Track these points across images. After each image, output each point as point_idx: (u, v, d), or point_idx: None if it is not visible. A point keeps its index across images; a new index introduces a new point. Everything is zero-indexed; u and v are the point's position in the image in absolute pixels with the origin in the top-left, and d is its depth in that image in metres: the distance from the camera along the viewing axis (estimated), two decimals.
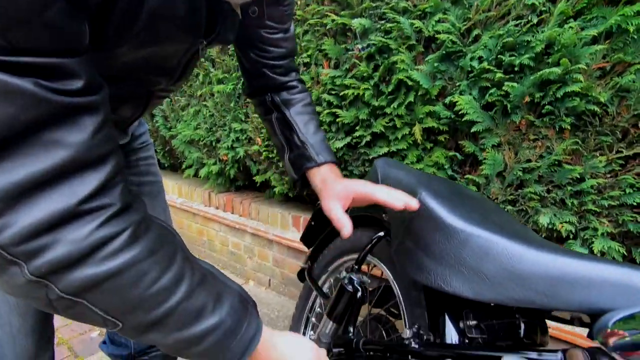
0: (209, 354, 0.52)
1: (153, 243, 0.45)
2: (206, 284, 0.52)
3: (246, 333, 0.54)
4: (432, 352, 0.70)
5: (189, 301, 0.48)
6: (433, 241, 0.71)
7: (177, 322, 0.48)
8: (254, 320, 0.56)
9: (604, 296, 0.53)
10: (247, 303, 0.57)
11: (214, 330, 0.50)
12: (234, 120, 2.12)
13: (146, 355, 1.10)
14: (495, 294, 0.61)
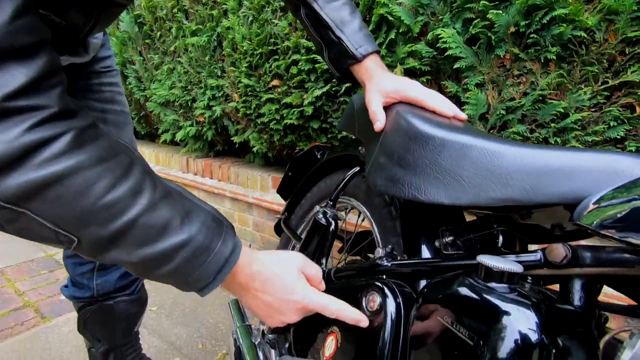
0: (180, 273, 0.48)
1: (102, 151, 0.42)
2: (171, 200, 0.48)
3: (221, 251, 0.50)
4: (405, 269, 0.65)
5: (151, 215, 0.44)
6: (407, 151, 0.65)
7: (139, 237, 0.44)
8: (230, 239, 0.52)
9: (587, 183, 0.48)
10: (221, 222, 0.53)
11: (182, 247, 0.46)
12: (209, 76, 2.01)
13: (111, 300, 1.04)
14: (473, 197, 0.56)
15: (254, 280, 0.53)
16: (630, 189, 0.42)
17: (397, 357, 0.57)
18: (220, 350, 1.43)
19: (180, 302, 1.75)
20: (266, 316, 0.56)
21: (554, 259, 0.49)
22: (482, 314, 0.45)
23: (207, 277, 0.49)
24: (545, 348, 0.41)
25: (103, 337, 1.07)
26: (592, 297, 0.50)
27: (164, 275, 0.48)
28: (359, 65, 0.79)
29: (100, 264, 1.01)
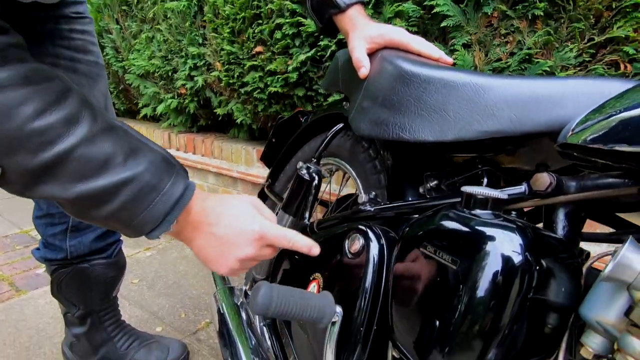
0: (124, 214, 0.45)
1: (30, 72, 0.39)
2: (114, 134, 0.44)
3: (171, 191, 0.47)
4: (388, 213, 0.64)
5: (89, 147, 0.41)
6: (392, 92, 0.63)
7: (76, 170, 0.41)
8: (181, 180, 0.49)
9: (574, 109, 0.47)
10: (172, 164, 0.50)
11: (125, 185, 0.43)
12: (190, 44, 1.93)
13: (86, 262, 1.00)
14: (459, 131, 0.55)
15: (207, 214, 0.50)
16: (612, 104, 0.41)
17: (378, 299, 0.56)
18: (203, 319, 1.41)
19: (163, 275, 1.72)
20: (219, 256, 0.52)
21: (539, 188, 0.48)
22: (467, 239, 0.44)
23: (154, 219, 0.46)
24: (529, 269, 0.40)
25: (79, 301, 1.03)
26: (576, 226, 0.49)
27: (107, 217, 0.44)
28: (342, 15, 0.76)
29: (74, 224, 0.96)
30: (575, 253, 0.46)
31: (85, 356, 1.10)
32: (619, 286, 0.37)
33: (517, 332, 0.41)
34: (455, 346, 0.43)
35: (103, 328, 1.09)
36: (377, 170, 0.83)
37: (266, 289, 0.38)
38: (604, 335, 0.38)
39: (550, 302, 0.41)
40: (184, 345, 1.19)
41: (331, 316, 0.42)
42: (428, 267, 0.47)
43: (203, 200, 0.51)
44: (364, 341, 0.54)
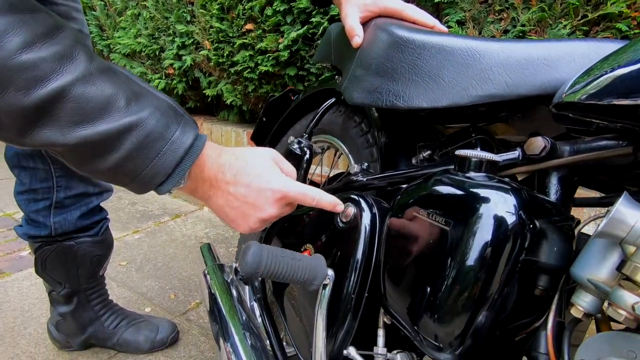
0: (132, 165, 0.42)
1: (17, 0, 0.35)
2: (113, 77, 0.41)
3: (180, 140, 0.44)
4: (381, 182, 0.63)
5: (87, 87, 0.38)
6: (386, 59, 0.61)
7: (73, 113, 0.38)
8: (190, 129, 0.45)
9: (569, 71, 0.46)
10: (179, 113, 0.46)
11: (130, 131, 0.40)
12: (178, 22, 1.88)
13: (72, 240, 0.98)
14: (453, 97, 0.54)
15: (224, 172, 0.48)
16: (605, 63, 0.40)
17: (370, 267, 0.55)
18: (193, 300, 1.40)
19: (152, 258, 1.69)
20: (240, 216, 0.50)
21: (533, 152, 0.47)
22: (461, 201, 0.43)
23: (164, 170, 0.43)
24: (523, 230, 0.40)
25: (64, 280, 1.01)
26: (568, 191, 0.49)
27: (112, 169, 0.42)
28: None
29: (58, 200, 0.93)
30: (567, 217, 0.46)
31: (71, 335, 1.08)
32: (611, 242, 0.37)
33: (508, 294, 0.41)
34: (447, 310, 0.43)
35: (90, 307, 1.07)
36: (369, 144, 0.82)
37: (256, 248, 0.37)
38: (594, 294, 0.38)
39: (541, 264, 0.41)
40: (173, 325, 1.18)
41: (323, 277, 0.42)
42: (421, 232, 0.46)
43: (219, 155, 0.49)
44: (355, 308, 0.54)
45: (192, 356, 1.12)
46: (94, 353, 1.11)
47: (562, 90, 0.42)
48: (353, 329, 0.54)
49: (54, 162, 0.90)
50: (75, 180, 0.94)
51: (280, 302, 0.78)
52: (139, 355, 1.11)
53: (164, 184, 0.45)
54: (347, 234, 0.58)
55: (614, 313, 0.34)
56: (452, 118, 0.63)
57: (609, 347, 0.35)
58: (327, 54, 0.90)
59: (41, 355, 1.10)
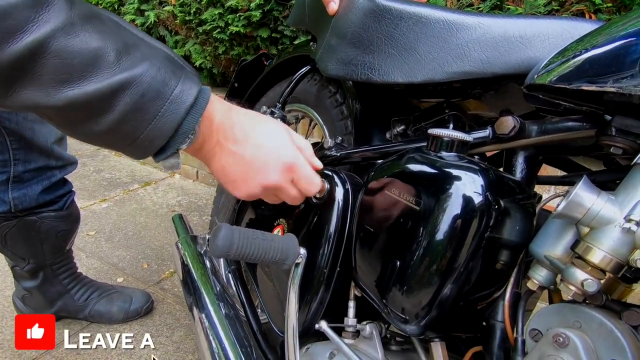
0: (126, 128, 0.37)
1: None
2: (99, 26, 0.36)
3: (180, 98, 0.38)
4: (354, 157, 0.63)
5: (69, 40, 0.33)
6: (361, 29, 0.59)
7: (57, 70, 0.33)
8: (192, 83, 0.40)
9: (543, 50, 0.46)
10: (179, 64, 0.41)
11: (122, 90, 0.36)
12: None
13: (34, 215, 0.93)
14: (429, 72, 0.53)
15: (232, 127, 0.44)
16: (576, 46, 0.40)
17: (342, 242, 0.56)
18: (167, 269, 1.40)
19: (122, 227, 1.65)
20: (241, 178, 0.46)
21: (503, 131, 0.48)
22: (431, 180, 0.44)
23: (164, 132, 0.38)
24: (489, 209, 0.41)
25: (28, 255, 0.97)
26: (533, 170, 0.51)
27: (108, 132, 0.37)
28: None
29: (16, 174, 0.87)
30: (530, 195, 0.48)
31: (39, 309, 1.06)
32: (568, 223, 0.40)
33: (472, 268, 0.43)
34: (414, 284, 0.44)
35: (58, 281, 1.05)
36: (344, 116, 0.80)
37: (226, 230, 0.36)
38: (549, 269, 0.41)
39: (504, 241, 0.43)
40: (147, 295, 1.18)
41: (295, 257, 0.42)
42: (392, 208, 0.47)
43: (228, 110, 0.44)
44: (327, 282, 0.55)
45: (167, 324, 1.14)
46: (66, 324, 1.10)
47: (534, 72, 0.42)
48: (325, 301, 0.56)
49: (10, 134, 0.83)
50: (35, 153, 0.87)
51: (253, 272, 0.79)
52: (114, 325, 1.11)
53: (166, 148, 0.41)
54: (320, 209, 0.58)
55: (565, 288, 0.36)
56: (426, 93, 0.63)
57: (558, 317, 0.38)
58: (302, 18, 0.85)
59: (8, 328, 1.08)
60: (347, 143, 0.75)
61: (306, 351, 0.55)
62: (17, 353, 1.01)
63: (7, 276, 1.27)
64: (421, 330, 0.45)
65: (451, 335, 0.50)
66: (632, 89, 0.33)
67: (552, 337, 0.36)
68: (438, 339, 0.48)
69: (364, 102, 0.74)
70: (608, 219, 0.34)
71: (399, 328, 0.46)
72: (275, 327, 0.67)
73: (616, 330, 0.34)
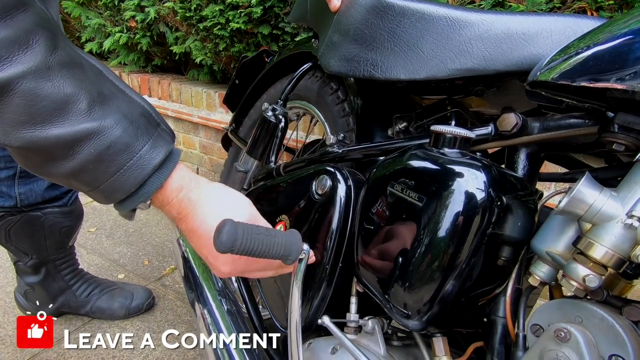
0: (87, 177, 0.37)
1: None
2: (79, 73, 0.35)
3: (149, 156, 0.38)
4: (356, 154, 0.63)
5: (40, 83, 0.33)
6: (364, 25, 0.59)
7: (20, 110, 0.32)
8: (163, 143, 0.40)
9: (546, 47, 0.46)
10: (155, 122, 0.41)
11: (87, 139, 0.35)
12: None
13: (38, 210, 0.93)
14: (431, 69, 0.53)
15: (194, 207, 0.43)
16: (579, 43, 0.40)
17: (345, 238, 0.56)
18: (168, 266, 1.40)
19: (122, 224, 1.66)
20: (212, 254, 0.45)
21: (505, 128, 0.48)
22: (434, 177, 0.44)
23: (126, 187, 0.39)
24: (491, 206, 0.41)
25: (31, 250, 0.97)
26: (535, 167, 0.51)
27: (67, 177, 0.37)
28: None
29: (22, 170, 0.87)
30: (532, 191, 0.48)
31: (42, 304, 1.06)
32: (569, 219, 0.40)
33: (474, 264, 0.43)
34: (416, 280, 0.45)
35: (60, 277, 1.05)
36: (346, 113, 0.80)
37: (230, 225, 0.36)
38: (551, 265, 0.41)
39: (506, 237, 0.43)
40: (148, 291, 1.18)
41: (298, 253, 0.42)
42: (395, 205, 0.47)
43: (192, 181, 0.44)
44: (329, 278, 0.55)
45: (169, 320, 1.14)
46: (67, 320, 1.11)
47: (537, 69, 0.42)
48: (327, 297, 0.56)
49: None
50: None
51: None
52: (115, 321, 1.12)
53: (124, 202, 0.40)
54: (322, 206, 0.58)
55: (567, 284, 0.36)
56: (428, 90, 0.63)
57: (559, 313, 0.38)
58: (303, 14, 0.85)
59: (10, 323, 1.08)
60: (349, 140, 0.75)
61: (309, 346, 0.56)
62: (19, 349, 1.01)
63: (9, 272, 1.27)
64: (423, 325, 0.45)
65: (453, 330, 0.51)
66: (635, 86, 0.33)
67: (554, 332, 0.36)
68: (440, 334, 0.48)
69: (366, 99, 0.74)
70: (610, 216, 0.35)
71: (401, 323, 0.47)
72: (277, 322, 0.68)
73: (617, 326, 0.34)
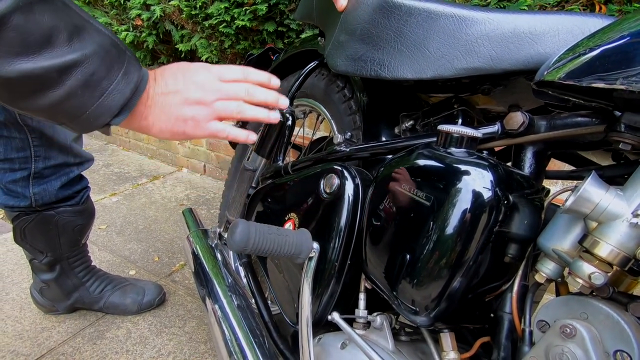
0: (73, 104, 0.40)
1: None
2: (53, 7, 0.38)
3: (126, 80, 0.42)
4: (364, 153, 0.64)
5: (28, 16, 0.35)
6: (371, 25, 0.59)
7: (14, 43, 0.35)
8: (134, 69, 0.44)
9: (553, 46, 0.47)
10: (122, 50, 0.44)
11: (74, 68, 0.39)
12: None
13: (53, 210, 0.95)
14: (438, 68, 0.53)
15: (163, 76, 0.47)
16: (586, 42, 0.40)
17: (353, 235, 0.57)
18: (177, 262, 1.43)
19: (132, 221, 1.68)
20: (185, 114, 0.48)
21: (512, 127, 0.49)
22: (441, 176, 0.45)
23: (110, 109, 0.42)
24: (498, 204, 0.42)
25: (46, 248, 1.00)
26: (542, 165, 0.51)
27: (54, 106, 0.40)
28: None
29: (37, 171, 0.89)
30: (539, 189, 0.49)
31: (57, 300, 1.09)
32: (576, 217, 0.40)
33: (481, 262, 0.44)
34: (424, 277, 0.46)
35: (73, 274, 1.08)
36: (352, 111, 0.81)
37: (243, 226, 0.38)
38: (557, 262, 0.42)
39: (512, 235, 0.44)
40: (159, 287, 1.20)
41: (308, 252, 0.43)
42: (402, 204, 0.48)
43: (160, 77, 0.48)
44: (338, 274, 0.57)
45: (179, 315, 1.17)
46: (82, 315, 1.14)
47: (544, 68, 0.43)
48: (336, 293, 0.58)
49: (32, 132, 0.85)
50: (55, 150, 0.90)
51: (263, 264, 0.81)
52: (128, 316, 1.14)
53: (106, 125, 0.44)
54: (330, 204, 0.59)
55: (573, 281, 0.37)
56: (435, 88, 0.63)
57: (565, 309, 0.39)
58: (309, 13, 0.85)
59: (27, 319, 1.12)
60: (356, 138, 0.76)
61: (319, 341, 0.57)
62: (37, 343, 1.04)
63: (24, 269, 1.31)
64: (431, 321, 0.46)
65: (460, 326, 0.52)
66: None
67: (560, 328, 0.37)
68: (447, 329, 0.49)
69: (373, 97, 0.74)
70: (616, 214, 0.35)
71: (408, 319, 0.48)
72: (286, 317, 0.69)
73: (622, 322, 0.35)
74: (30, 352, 1.02)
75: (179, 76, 0.48)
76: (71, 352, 1.03)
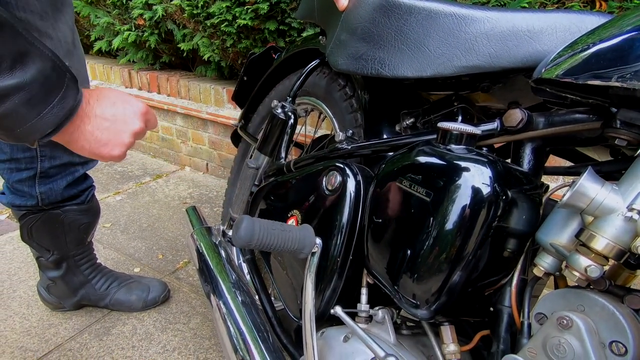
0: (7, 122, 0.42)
1: None
2: (4, 37, 0.40)
3: (61, 105, 0.44)
4: (365, 150, 0.65)
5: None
6: (371, 24, 0.60)
7: None
8: (72, 93, 0.46)
9: (551, 44, 0.47)
10: (62, 73, 0.46)
11: (13, 93, 0.40)
12: None
13: (59, 209, 0.97)
14: (438, 66, 0.54)
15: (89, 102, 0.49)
16: (584, 40, 0.41)
17: (355, 231, 0.58)
18: (181, 259, 1.44)
19: (136, 219, 1.70)
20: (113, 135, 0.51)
21: (511, 124, 0.49)
22: (441, 173, 0.45)
23: (42, 130, 0.44)
24: (497, 200, 0.43)
25: (52, 247, 1.01)
26: (540, 161, 0.52)
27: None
28: None
29: (42, 170, 0.91)
30: (537, 185, 0.50)
31: (63, 297, 1.11)
32: (573, 212, 0.41)
33: (481, 256, 0.45)
34: (425, 271, 0.47)
35: (79, 271, 1.09)
36: (354, 109, 0.82)
37: (248, 222, 0.39)
38: (554, 256, 0.43)
39: (512, 230, 0.45)
40: (164, 284, 1.22)
41: (311, 247, 0.44)
42: (403, 200, 0.49)
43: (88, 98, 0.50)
44: (340, 270, 0.58)
45: (184, 312, 1.18)
46: (88, 312, 1.15)
47: (542, 65, 0.43)
48: (339, 288, 0.59)
49: None
50: (60, 149, 0.91)
51: (267, 261, 0.82)
52: (133, 313, 1.16)
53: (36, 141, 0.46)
54: (333, 201, 0.60)
55: (570, 274, 0.38)
56: (435, 86, 0.64)
57: (562, 301, 0.40)
58: (311, 12, 0.86)
59: (34, 316, 1.13)
60: (357, 136, 0.77)
61: (322, 335, 0.58)
62: (44, 339, 1.06)
63: (31, 267, 1.33)
64: (431, 315, 0.47)
65: (460, 319, 0.53)
66: (637, 84, 0.34)
67: (557, 319, 0.38)
68: (447, 323, 0.50)
69: (373, 95, 0.75)
70: (611, 208, 0.36)
71: (410, 313, 0.49)
72: (290, 313, 0.70)
73: (618, 313, 0.36)
74: (38, 348, 1.04)
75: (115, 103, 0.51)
76: (78, 348, 1.04)
